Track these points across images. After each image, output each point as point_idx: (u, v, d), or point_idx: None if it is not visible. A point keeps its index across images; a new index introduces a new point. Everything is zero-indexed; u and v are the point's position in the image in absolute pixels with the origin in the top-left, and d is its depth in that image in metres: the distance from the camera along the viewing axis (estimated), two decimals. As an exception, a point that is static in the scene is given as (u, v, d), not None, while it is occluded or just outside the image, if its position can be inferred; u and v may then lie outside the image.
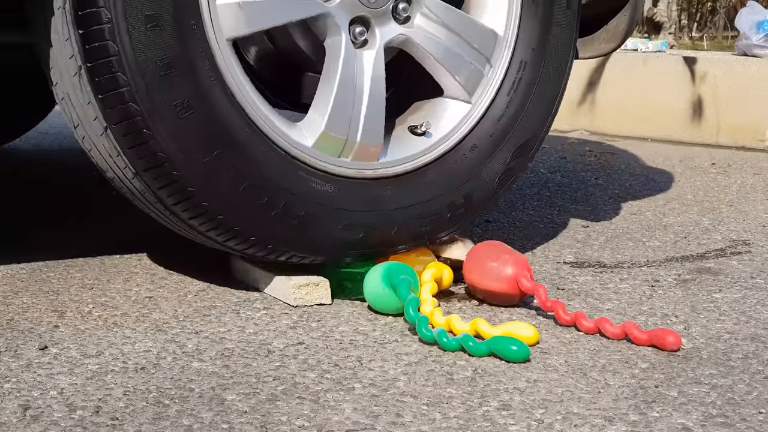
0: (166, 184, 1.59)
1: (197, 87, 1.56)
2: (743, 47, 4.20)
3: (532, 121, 1.94)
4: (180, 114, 1.55)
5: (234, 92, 1.61)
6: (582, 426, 1.25)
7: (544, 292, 1.67)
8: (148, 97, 1.53)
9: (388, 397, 1.33)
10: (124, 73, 1.51)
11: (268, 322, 1.63)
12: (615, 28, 2.12)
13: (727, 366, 1.47)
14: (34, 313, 1.65)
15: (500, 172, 1.90)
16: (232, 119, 1.60)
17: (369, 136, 1.75)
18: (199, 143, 1.58)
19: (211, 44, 1.58)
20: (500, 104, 1.90)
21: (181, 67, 1.55)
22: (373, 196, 1.76)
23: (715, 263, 2.10)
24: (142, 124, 1.54)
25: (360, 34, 1.75)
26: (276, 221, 1.66)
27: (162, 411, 1.26)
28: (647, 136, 4.21)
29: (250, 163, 1.62)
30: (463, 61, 1.86)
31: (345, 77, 1.72)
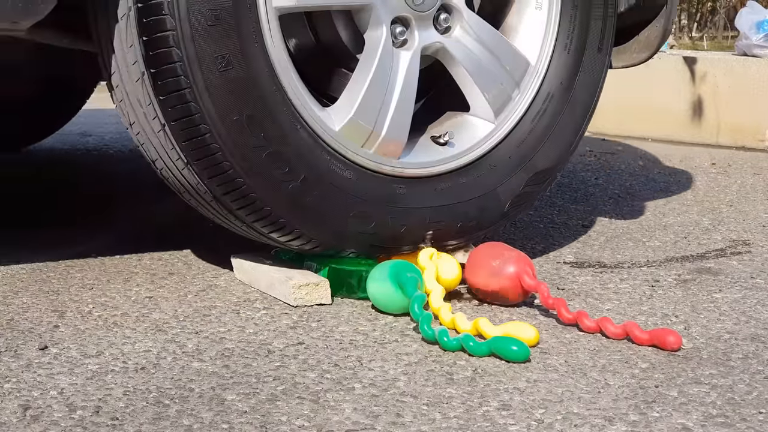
0: (195, 135, 1.61)
1: (247, 58, 1.61)
2: (743, 47, 4.20)
3: (552, 151, 1.96)
4: (221, 69, 1.59)
5: (274, 65, 1.64)
6: (582, 426, 1.25)
7: (546, 290, 1.67)
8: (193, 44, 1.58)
9: (388, 397, 1.33)
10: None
11: (268, 322, 1.63)
12: (647, 38, 2.16)
13: (727, 366, 1.47)
14: (34, 313, 1.65)
15: (514, 195, 1.93)
16: (266, 84, 1.63)
17: (394, 132, 1.79)
18: (234, 102, 1.60)
19: (261, 15, 1.62)
20: (523, 130, 1.93)
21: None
22: (387, 192, 1.79)
23: (715, 263, 2.10)
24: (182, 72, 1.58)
25: (400, 34, 1.79)
26: (292, 194, 1.67)
27: (162, 411, 1.26)
28: (647, 136, 4.21)
29: (277, 131, 1.64)
30: (493, 80, 1.91)
31: (379, 71, 1.76)
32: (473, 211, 1.88)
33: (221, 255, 1.96)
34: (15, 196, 2.74)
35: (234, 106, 1.60)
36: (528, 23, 1.97)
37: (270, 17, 1.64)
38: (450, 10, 1.85)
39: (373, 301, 1.71)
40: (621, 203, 2.75)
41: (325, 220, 1.72)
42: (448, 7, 1.85)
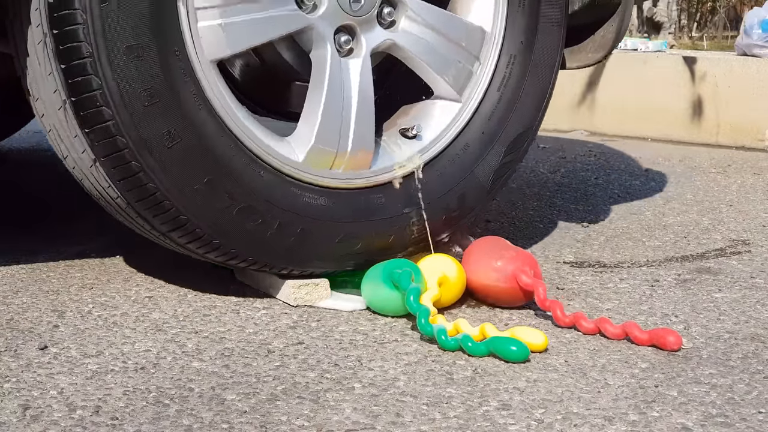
0: (158, 213, 1.58)
1: (183, 114, 1.55)
2: (743, 47, 4.21)
3: (524, 115, 1.92)
4: (169, 143, 1.54)
5: (222, 116, 1.59)
6: (582, 426, 1.25)
7: (543, 291, 1.66)
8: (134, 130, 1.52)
9: (388, 396, 1.33)
10: (108, 106, 1.50)
11: (268, 321, 1.63)
12: (602, 38, 2.10)
13: (726, 366, 1.47)
14: (34, 313, 1.65)
15: (494, 168, 1.89)
16: (220, 144, 1.59)
17: (360, 145, 1.74)
18: (192, 172, 1.56)
19: (197, 73, 1.56)
20: (491, 101, 1.88)
21: (163, 93, 1.53)
22: (367, 205, 1.75)
23: (715, 263, 2.10)
24: (131, 156, 1.53)
25: (345, 43, 1.72)
26: (273, 241, 1.65)
27: (162, 411, 1.26)
28: (647, 136, 4.21)
29: (241, 185, 1.61)
30: (451, 61, 1.85)
31: (332, 88, 1.70)
32: (454, 200, 1.85)
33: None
34: (15, 195, 2.74)
35: (192, 176, 1.56)
36: None
37: (208, 76, 1.58)
38: (393, 4, 1.78)
39: (369, 305, 1.70)
40: (621, 203, 2.75)
41: (312, 253, 1.70)
42: (391, 1, 1.78)
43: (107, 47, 1.48)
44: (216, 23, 1.58)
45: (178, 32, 1.54)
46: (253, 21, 1.62)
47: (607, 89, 4.30)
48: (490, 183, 1.90)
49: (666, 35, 7.41)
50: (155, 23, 1.51)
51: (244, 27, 1.61)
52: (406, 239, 1.80)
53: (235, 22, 1.60)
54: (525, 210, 2.62)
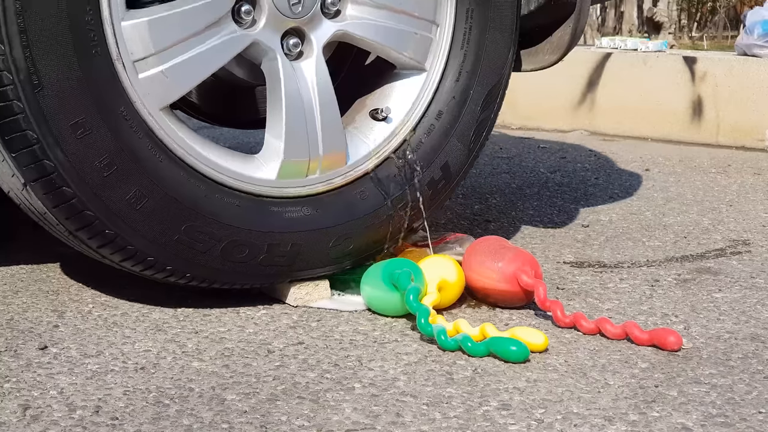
0: (146, 268, 1.58)
1: (146, 174, 1.52)
2: (743, 47, 4.20)
3: (493, 67, 1.86)
4: (137, 205, 1.52)
5: (185, 159, 1.57)
6: (582, 426, 1.24)
7: (543, 291, 1.66)
8: (99, 201, 1.50)
9: (388, 397, 1.33)
10: (68, 186, 1.48)
11: (268, 321, 1.63)
12: (559, 40, 2.06)
13: (727, 366, 1.47)
14: (34, 313, 1.65)
15: (472, 129, 1.85)
16: (190, 188, 1.57)
17: (331, 145, 1.71)
18: (167, 225, 1.55)
19: (150, 124, 1.53)
20: (456, 61, 1.83)
21: (123, 161, 1.50)
22: (351, 203, 1.73)
23: (715, 263, 2.10)
24: (102, 227, 1.52)
25: (294, 46, 1.67)
26: (264, 265, 1.65)
27: (162, 411, 1.26)
28: (647, 136, 4.20)
29: (220, 227, 1.59)
30: (406, 35, 1.78)
31: (291, 97, 1.66)
32: (438, 172, 1.81)
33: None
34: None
35: (169, 228, 1.55)
36: None
37: (162, 125, 1.54)
38: None
39: (368, 305, 1.70)
40: (621, 203, 2.75)
41: (310, 263, 1.69)
42: None
43: (51, 130, 1.45)
44: (158, 71, 1.53)
45: (121, 92, 1.50)
46: (195, 57, 1.56)
47: (607, 89, 4.30)
48: (470, 144, 1.85)
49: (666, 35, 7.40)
50: (94, 93, 1.47)
51: (188, 66, 1.56)
52: (398, 225, 1.78)
53: (176, 64, 1.54)
54: (525, 210, 2.62)
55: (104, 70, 1.48)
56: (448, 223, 2.41)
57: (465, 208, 2.62)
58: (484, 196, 2.78)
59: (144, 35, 1.52)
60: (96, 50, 1.47)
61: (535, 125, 4.44)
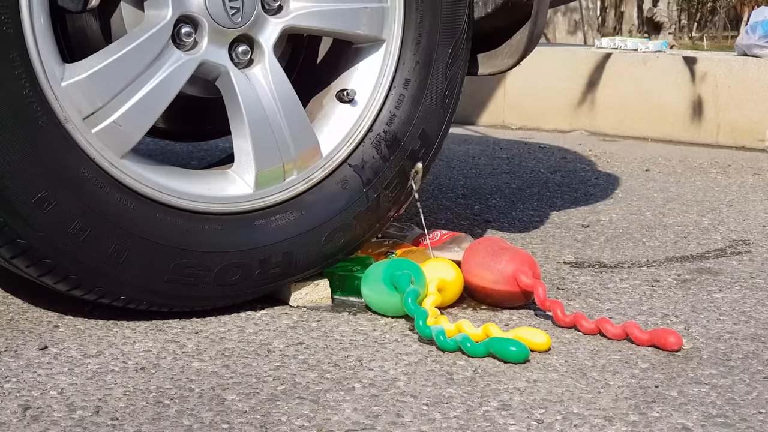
0: (147, 308, 1.59)
1: (121, 226, 1.51)
2: (743, 47, 4.20)
3: (452, 23, 1.80)
4: (120, 259, 1.51)
5: (163, 200, 1.55)
6: (582, 426, 1.24)
7: (543, 291, 1.66)
8: (81, 264, 1.49)
9: (388, 397, 1.33)
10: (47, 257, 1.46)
11: (268, 322, 1.63)
12: (518, 43, 2.03)
13: (727, 366, 1.47)
14: (34, 313, 1.65)
15: (443, 90, 1.80)
16: (172, 228, 1.55)
17: (302, 143, 1.68)
18: (154, 270, 1.54)
19: (115, 175, 1.50)
20: (413, 25, 1.76)
21: (95, 221, 1.48)
22: (334, 195, 1.71)
23: (715, 263, 2.10)
24: (91, 284, 1.52)
25: (244, 54, 1.63)
26: (260, 280, 1.65)
27: (162, 411, 1.26)
28: (647, 136, 4.21)
29: (209, 254, 1.59)
30: (356, 12, 1.72)
31: (250, 105, 1.62)
32: (416, 142, 1.78)
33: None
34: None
35: (157, 273, 1.54)
36: None
37: (129, 173, 1.52)
38: None
39: (368, 304, 1.70)
40: (621, 203, 2.75)
41: (305, 265, 1.69)
42: None
43: (16, 211, 1.42)
44: (110, 122, 1.49)
45: (77, 153, 1.46)
46: (145, 98, 1.52)
47: (607, 89, 4.30)
48: (444, 102, 1.81)
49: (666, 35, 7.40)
50: (50, 163, 1.44)
51: (140, 108, 1.52)
52: (386, 204, 1.76)
53: (127, 110, 1.50)
54: (525, 210, 2.62)
55: (55, 137, 1.44)
56: (448, 223, 2.41)
57: (465, 208, 2.62)
58: (484, 196, 2.78)
59: (87, 90, 1.47)
60: (41, 121, 1.43)
61: (535, 125, 4.44)
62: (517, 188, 2.94)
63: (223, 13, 1.59)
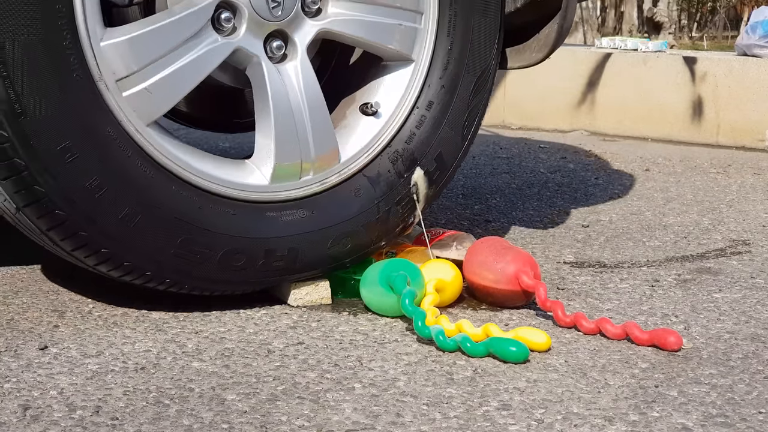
0: (145, 282, 1.59)
1: (137, 192, 1.52)
2: (743, 47, 4.20)
3: (481, 53, 1.85)
4: (130, 223, 1.52)
5: (178, 173, 1.56)
6: (582, 426, 1.24)
7: (544, 291, 1.66)
8: (92, 222, 1.50)
9: (388, 397, 1.33)
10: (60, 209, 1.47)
11: (268, 322, 1.63)
12: (546, 37, 2.06)
13: (727, 366, 1.47)
14: (34, 313, 1.65)
15: (464, 116, 1.83)
16: (183, 203, 1.56)
17: (323, 145, 1.70)
18: (163, 240, 1.55)
19: (138, 141, 1.53)
20: (443, 49, 1.80)
21: (113, 181, 1.50)
22: (348, 202, 1.73)
23: (715, 263, 2.10)
24: (97, 246, 1.52)
25: (278, 49, 1.66)
26: (263, 270, 1.65)
27: (162, 411, 1.26)
28: (647, 136, 4.21)
29: (216, 234, 1.59)
30: (390, 27, 1.77)
31: (278, 100, 1.65)
32: (432, 163, 1.81)
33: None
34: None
35: (166, 244, 1.55)
36: None
37: (151, 141, 1.54)
38: None
39: (367, 305, 1.70)
40: (621, 203, 2.75)
41: (309, 264, 1.69)
42: None
43: (38, 157, 1.44)
44: (141, 88, 1.52)
45: (106, 112, 1.49)
46: (177, 71, 1.55)
47: (607, 89, 4.30)
48: (464, 132, 1.84)
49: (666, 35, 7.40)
50: (78, 116, 1.46)
51: (172, 80, 1.55)
52: (396, 219, 1.78)
53: (160, 79, 1.53)
54: (525, 210, 2.62)
55: (87, 92, 1.47)
56: (448, 223, 2.41)
57: (465, 208, 2.62)
58: (484, 196, 2.78)
59: (124, 54, 1.50)
60: (77, 74, 1.46)
61: (535, 125, 4.44)
62: (517, 188, 2.94)
63: (264, 5, 1.63)
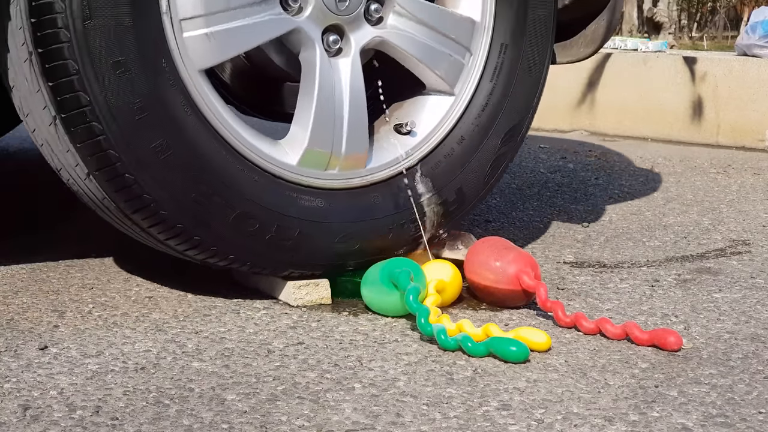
0: (156, 222, 1.58)
1: (176, 129, 1.55)
2: (743, 47, 4.21)
3: (519, 105, 1.91)
4: (161, 155, 1.53)
5: (213, 123, 1.59)
6: (582, 426, 1.25)
7: (544, 292, 1.67)
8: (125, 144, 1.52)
9: (388, 397, 1.33)
10: (98, 121, 1.50)
11: (268, 322, 1.63)
12: (593, 33, 2.09)
13: (727, 366, 1.47)
14: (34, 313, 1.65)
15: (491, 160, 1.88)
16: (213, 152, 1.59)
17: (354, 145, 1.74)
18: (185, 182, 1.56)
19: (188, 85, 1.56)
20: (484, 92, 1.87)
21: (154, 109, 1.53)
22: (364, 205, 1.75)
23: (715, 263, 2.10)
24: (122, 170, 1.52)
25: (334, 43, 1.71)
26: (270, 245, 1.65)
27: (162, 411, 1.26)
28: (647, 136, 4.21)
29: (237, 194, 1.61)
30: (441, 55, 1.83)
31: (323, 89, 1.69)
32: (452, 194, 1.84)
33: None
34: (15, 195, 2.73)
35: (186, 185, 1.56)
36: None
37: (196, 85, 1.57)
38: (380, 0, 1.77)
39: (368, 305, 1.70)
40: (621, 203, 2.75)
41: (314, 254, 1.70)
42: None
43: (93, 63, 1.47)
44: (202, 33, 1.57)
45: (164, 44, 1.53)
46: (239, 28, 1.60)
47: (607, 89, 4.30)
48: (487, 175, 1.89)
49: (666, 35, 7.41)
50: (141, 37, 1.50)
51: (231, 34, 1.60)
52: (406, 236, 1.80)
53: (221, 30, 1.58)
54: (525, 210, 2.62)
55: (152, 20, 1.52)
56: (448, 223, 2.41)
57: (465, 208, 2.62)
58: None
59: None
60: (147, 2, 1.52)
61: (535, 125, 4.42)
62: (517, 188, 2.94)
63: None
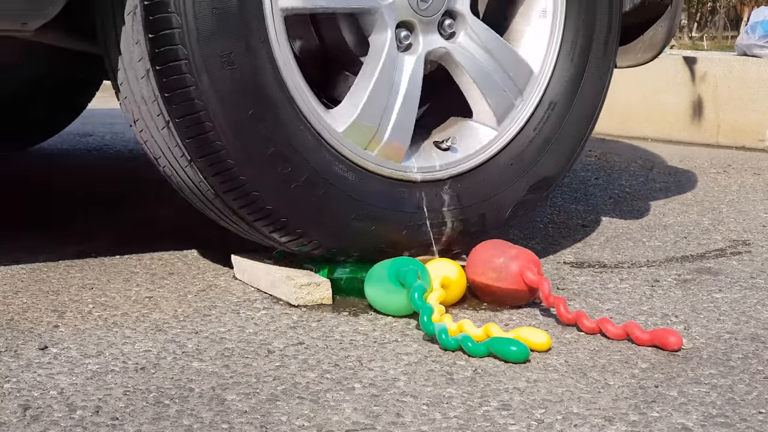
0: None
1: (246, 43, 1.62)
2: (743, 47, 4.21)
3: (554, 160, 1.97)
4: (225, 67, 1.59)
5: (279, 64, 1.65)
6: (582, 426, 1.25)
7: (548, 286, 1.67)
8: None
9: (388, 397, 1.33)
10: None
11: (268, 322, 1.63)
12: (652, 38, 2.15)
13: (727, 366, 1.47)
14: (34, 313, 1.65)
15: (515, 202, 1.93)
16: (270, 83, 1.64)
17: (397, 135, 1.79)
18: (236, 100, 1.61)
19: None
20: (525, 138, 1.94)
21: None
22: (389, 195, 1.79)
23: (715, 263, 2.10)
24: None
25: (404, 38, 1.79)
26: (295, 194, 1.68)
27: (162, 411, 1.26)
28: (647, 136, 4.21)
29: (281, 131, 1.65)
30: (497, 87, 1.91)
31: (383, 74, 1.76)
32: (474, 217, 1.88)
33: (221, 255, 1.96)
34: (15, 195, 2.74)
35: (238, 104, 1.61)
36: (532, 31, 1.97)
37: (275, 18, 1.64)
38: (455, 16, 1.85)
39: (372, 303, 1.70)
40: (621, 203, 2.75)
41: (327, 221, 1.72)
42: (453, 13, 1.85)
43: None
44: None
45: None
46: None
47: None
48: (508, 214, 1.93)
49: (666, 35, 7.42)
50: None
51: None
52: (420, 239, 1.82)
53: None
54: (525, 210, 2.62)
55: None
56: (448, 223, 2.41)
57: (465, 208, 2.62)
58: (484, 196, 2.78)
59: None
60: None
61: (535, 125, 4.44)
62: (517, 188, 2.93)
63: None
